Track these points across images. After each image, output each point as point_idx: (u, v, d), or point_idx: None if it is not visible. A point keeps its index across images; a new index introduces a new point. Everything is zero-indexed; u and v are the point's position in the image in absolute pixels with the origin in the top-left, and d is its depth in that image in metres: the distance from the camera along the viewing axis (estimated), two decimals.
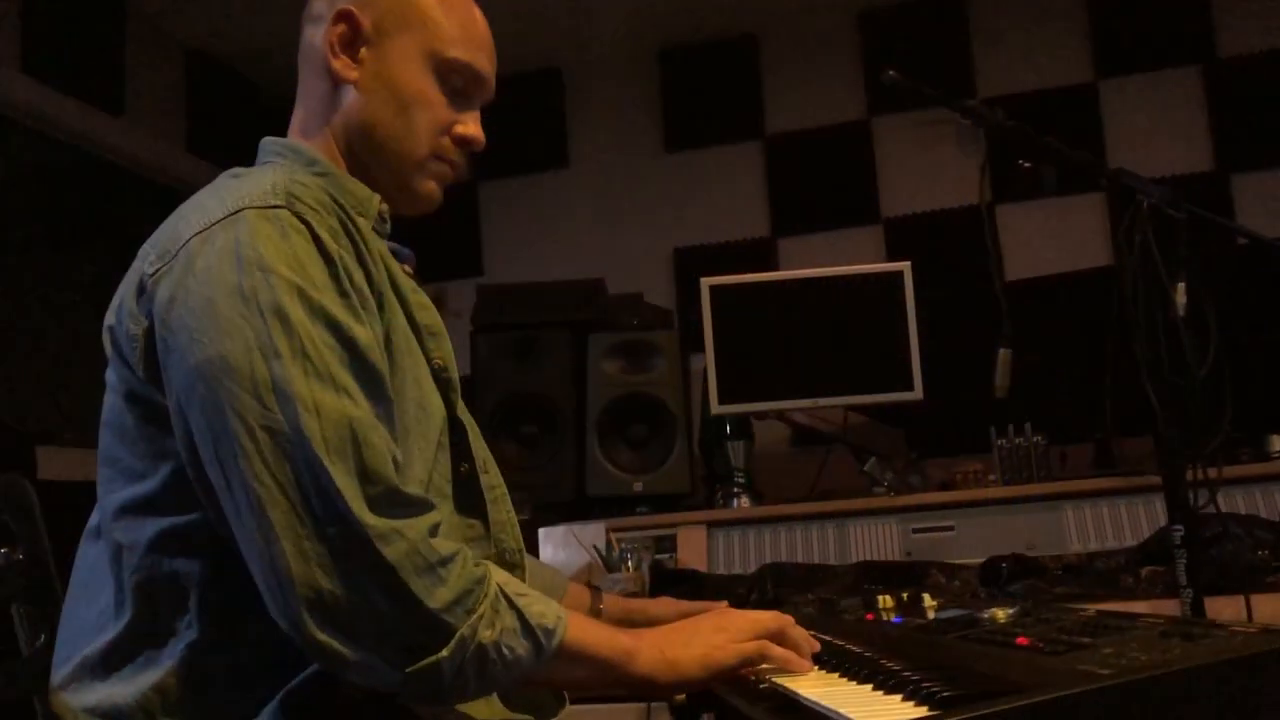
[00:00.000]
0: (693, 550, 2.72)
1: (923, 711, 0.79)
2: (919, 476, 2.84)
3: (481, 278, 3.64)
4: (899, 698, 0.85)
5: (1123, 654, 0.80)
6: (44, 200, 3.00)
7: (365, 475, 0.96)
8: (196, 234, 1.02)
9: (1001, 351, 1.67)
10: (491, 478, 1.26)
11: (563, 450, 2.87)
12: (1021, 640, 0.94)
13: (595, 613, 1.43)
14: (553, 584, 1.44)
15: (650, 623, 1.36)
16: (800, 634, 1.11)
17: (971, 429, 2.79)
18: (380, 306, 1.08)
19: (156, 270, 1.04)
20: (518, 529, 1.26)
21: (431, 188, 1.25)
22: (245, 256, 0.99)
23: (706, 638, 1.10)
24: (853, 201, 3.49)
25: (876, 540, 2.63)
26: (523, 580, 1.26)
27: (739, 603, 2.29)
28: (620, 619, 1.41)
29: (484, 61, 1.26)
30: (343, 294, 1.02)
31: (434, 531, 0.99)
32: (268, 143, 1.21)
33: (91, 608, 1.08)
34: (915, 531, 2.62)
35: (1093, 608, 1.07)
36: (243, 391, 0.95)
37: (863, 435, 2.95)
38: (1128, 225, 1.54)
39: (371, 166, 1.20)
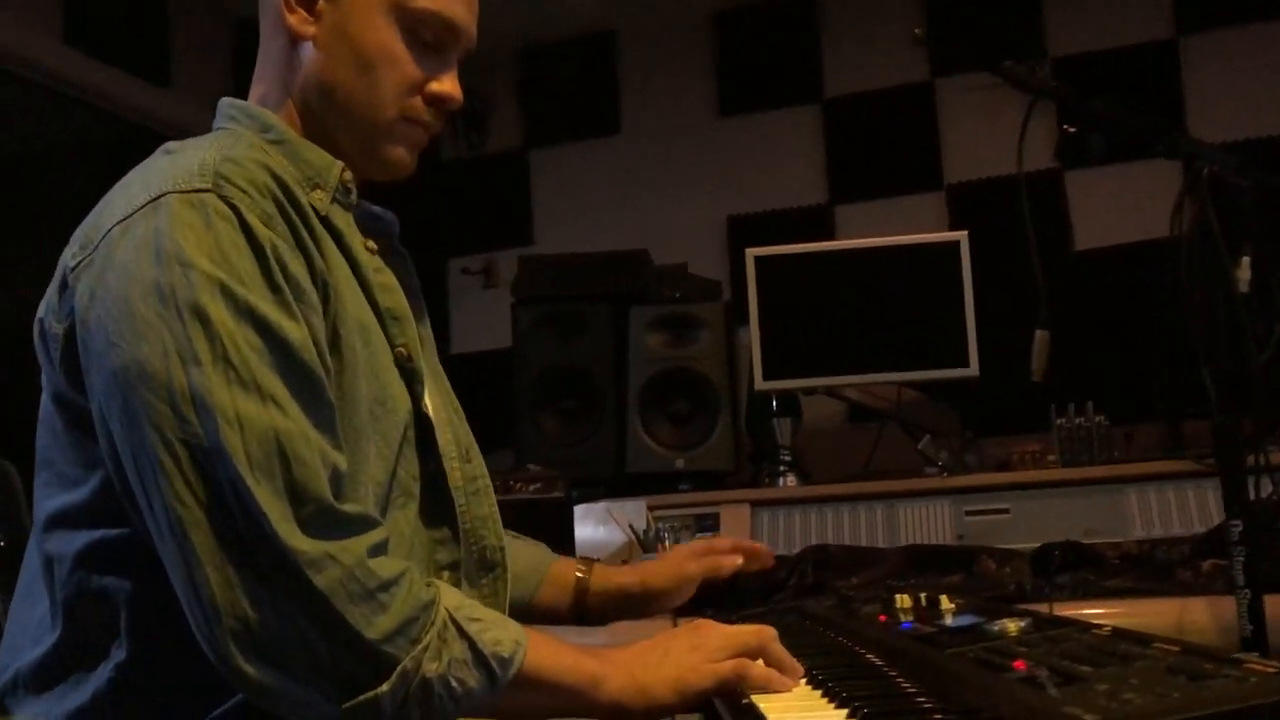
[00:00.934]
0: (736, 530, 2.63)
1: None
2: (975, 456, 2.72)
3: (532, 247, 3.58)
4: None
5: (1116, 694, 0.70)
6: (88, 172, 3.00)
7: (294, 493, 0.88)
8: (118, 223, 0.94)
9: (1038, 333, 1.55)
10: (475, 467, 1.19)
11: (603, 426, 2.80)
12: (1018, 664, 0.84)
13: (581, 590, 1.33)
14: (534, 565, 1.35)
15: (646, 594, 1.35)
16: (782, 651, 1.02)
17: (1030, 407, 2.66)
18: (325, 297, 0.99)
19: (78, 263, 0.96)
20: (499, 524, 1.19)
21: (401, 154, 1.14)
22: (164, 249, 0.90)
23: (679, 658, 1.01)
24: (914, 167, 3.35)
25: (927, 522, 2.52)
26: (503, 580, 1.19)
27: (777, 587, 2.20)
28: (613, 593, 1.33)
29: (459, 9, 1.15)
30: (274, 288, 0.93)
31: (376, 551, 0.91)
32: (224, 105, 1.12)
33: (31, 615, 1.02)
34: (968, 514, 2.50)
35: (1110, 625, 0.96)
36: (159, 402, 0.88)
37: (916, 413, 2.83)
38: (1181, 193, 1.40)
39: (335, 131, 1.10)
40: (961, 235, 2.67)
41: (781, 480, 2.75)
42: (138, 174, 1.00)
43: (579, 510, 2.58)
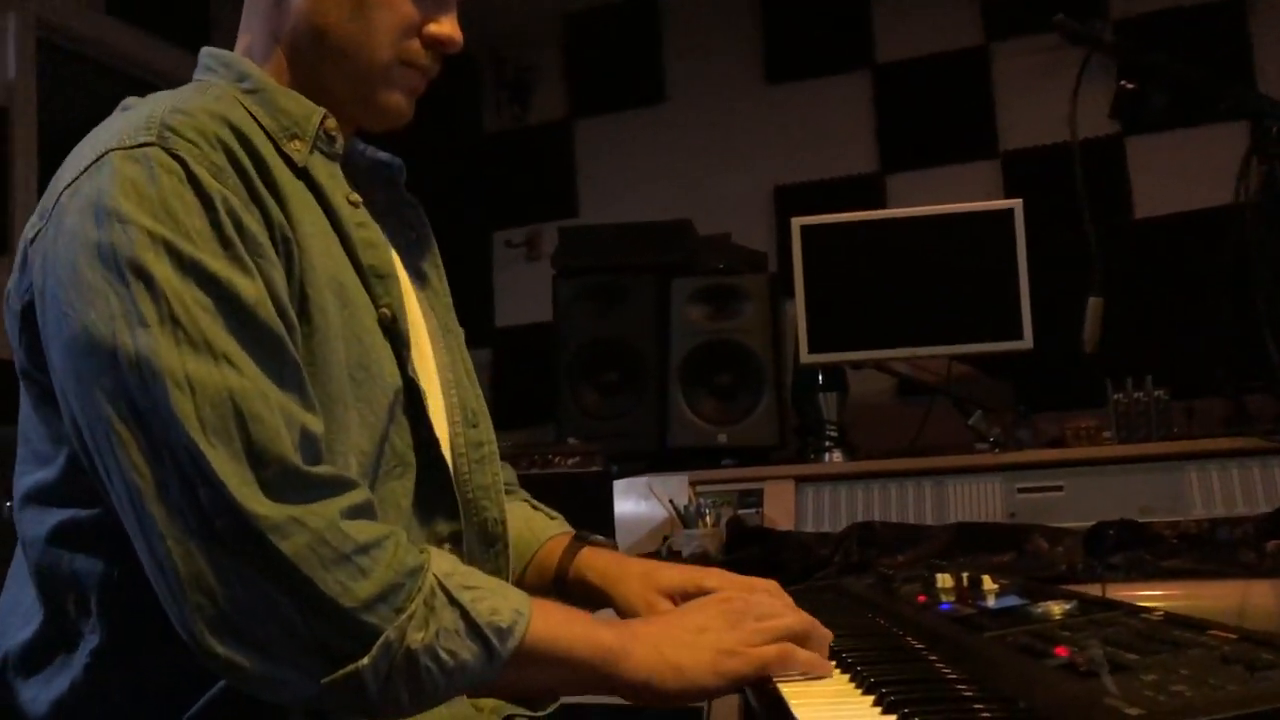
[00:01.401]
0: (780, 506, 2.58)
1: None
2: (1028, 431, 2.64)
3: (577, 219, 3.53)
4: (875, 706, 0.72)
5: (1164, 685, 0.64)
6: None
7: (255, 456, 0.82)
8: (66, 187, 0.90)
9: (1091, 301, 1.47)
10: (481, 433, 1.13)
11: (645, 399, 2.76)
12: (1059, 650, 0.78)
13: (562, 568, 1.20)
14: (528, 542, 1.24)
15: (612, 604, 1.17)
16: (826, 635, 0.96)
17: (1085, 381, 2.57)
18: (289, 254, 0.93)
19: (35, 234, 0.92)
20: (502, 495, 1.13)
21: (398, 100, 1.07)
22: (105, 208, 0.85)
23: (717, 637, 0.93)
24: (969, 134, 3.24)
25: (978, 500, 2.45)
26: (505, 556, 1.14)
27: (821, 564, 2.15)
28: (584, 589, 1.18)
29: None
30: (224, 242, 0.87)
31: (352, 514, 0.85)
32: (202, 55, 1.07)
33: (24, 595, 0.97)
34: (1020, 491, 2.42)
35: (1164, 608, 0.89)
36: (108, 369, 0.83)
37: (967, 387, 2.75)
38: (1248, 154, 1.32)
39: (327, 78, 1.04)
40: (1016, 203, 2.58)
41: (827, 456, 2.68)
42: (91, 134, 0.95)
43: (620, 485, 2.54)
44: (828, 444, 2.68)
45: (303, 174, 0.99)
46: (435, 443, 1.03)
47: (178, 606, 0.82)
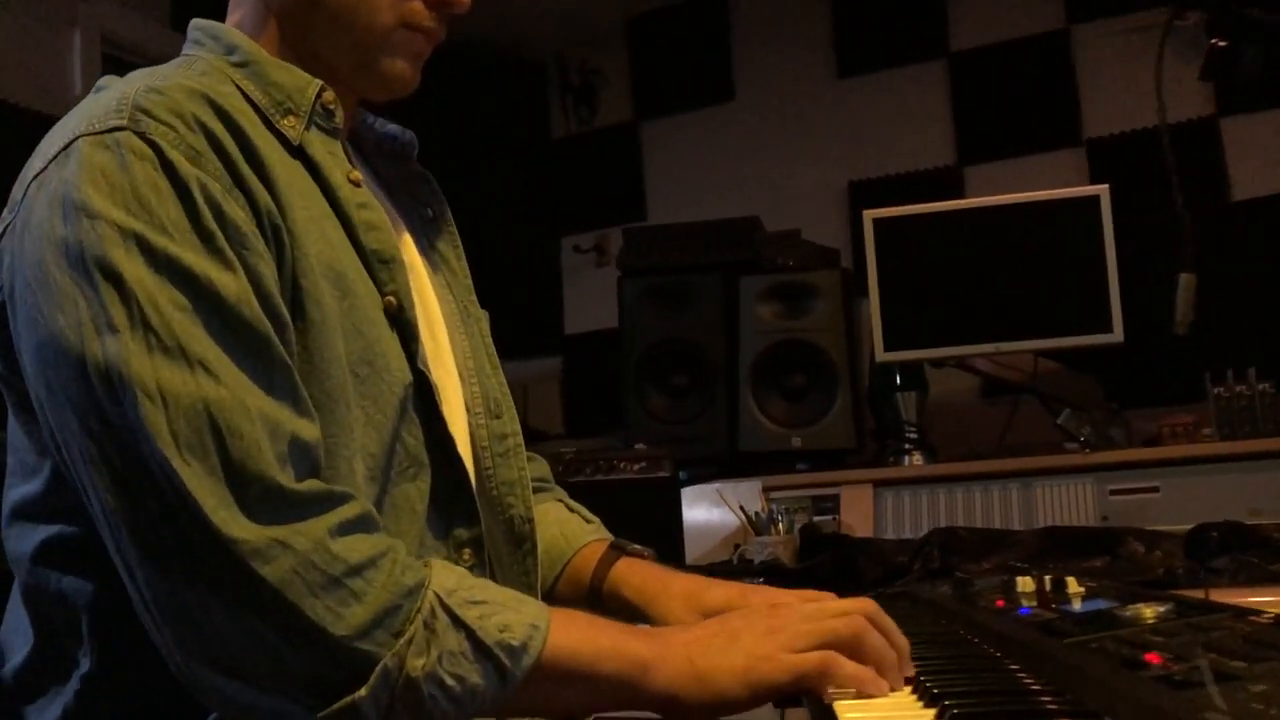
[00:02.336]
0: (857, 512, 2.47)
1: None
2: (1121, 430, 2.49)
3: (645, 223, 3.46)
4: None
5: (1275, 697, 0.54)
6: None
7: (234, 474, 0.75)
8: (34, 177, 0.83)
9: (1183, 277, 1.35)
10: (505, 424, 1.05)
11: (714, 402, 2.66)
12: (1151, 657, 0.68)
13: (597, 580, 1.10)
14: (561, 549, 1.15)
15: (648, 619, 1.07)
16: (880, 642, 0.85)
17: (1182, 375, 2.42)
18: (278, 242, 0.85)
19: (4, 228, 0.85)
20: (529, 491, 1.05)
21: (401, 67, 0.99)
22: (72, 201, 0.78)
23: (752, 644, 0.84)
24: (1051, 122, 3.10)
25: (1067, 502, 2.31)
26: (533, 557, 1.06)
27: (900, 572, 2.04)
28: (620, 605, 1.09)
29: None
30: (203, 235, 0.79)
31: (343, 530, 0.77)
32: (191, 27, 0.99)
33: (20, 616, 0.91)
34: (1113, 493, 2.28)
35: (1276, 613, 0.78)
36: (77, 380, 0.76)
37: (1055, 385, 2.61)
38: None
39: (325, 47, 0.97)
40: (1102, 189, 2.44)
41: (906, 459, 2.56)
42: (64, 119, 0.88)
43: (689, 492, 2.46)
44: (907, 446, 2.57)
45: (298, 152, 0.92)
46: (450, 440, 0.95)
47: (162, 636, 0.76)
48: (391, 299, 0.93)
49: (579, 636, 0.82)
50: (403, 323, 0.94)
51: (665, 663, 0.82)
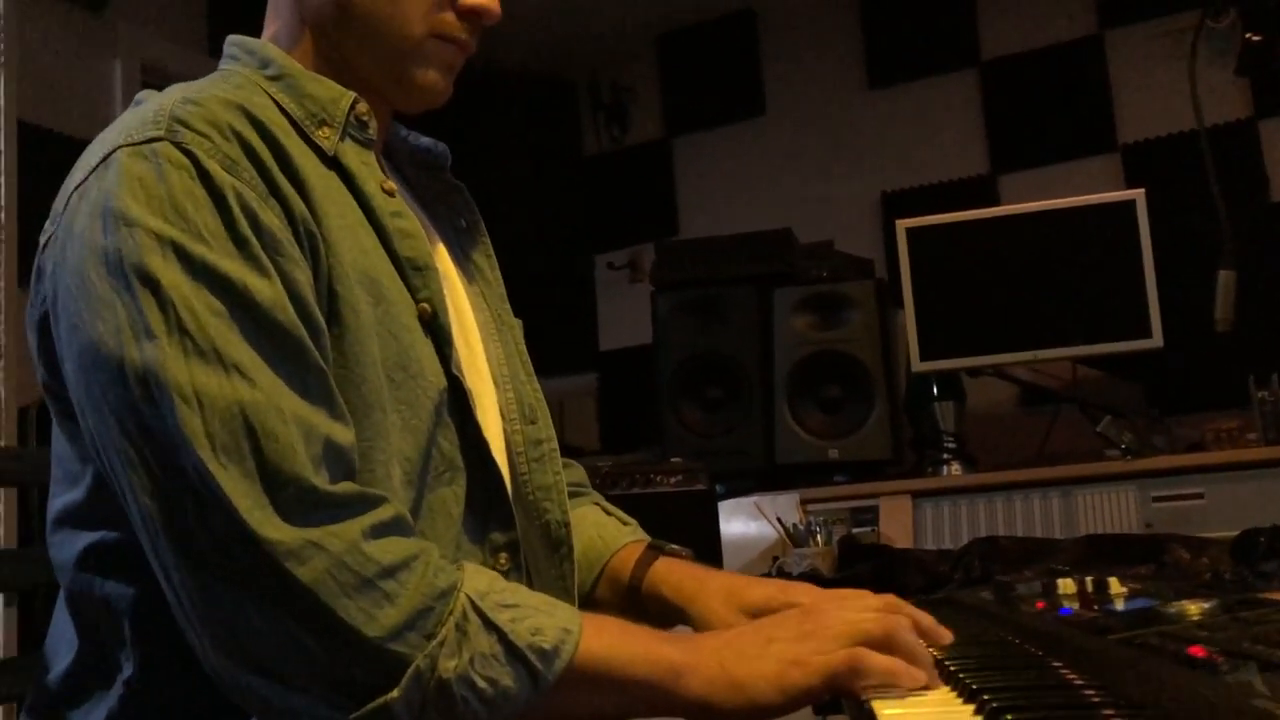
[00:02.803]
0: (896, 523, 2.45)
1: None
2: (1164, 437, 2.46)
3: (678, 238, 3.47)
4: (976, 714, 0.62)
5: None
6: None
7: (268, 476, 0.75)
8: (75, 188, 0.84)
9: (1223, 274, 1.33)
10: (540, 429, 1.05)
11: (750, 415, 2.65)
12: (1195, 651, 0.67)
13: (635, 580, 1.09)
14: (598, 551, 1.14)
15: (689, 622, 1.06)
16: (913, 640, 0.84)
17: (1224, 380, 2.39)
18: (314, 250, 0.86)
19: (46, 240, 0.86)
20: (565, 495, 1.05)
21: (434, 77, 0.99)
22: (112, 211, 0.79)
23: (784, 649, 0.82)
24: (1085, 128, 3.08)
25: (1110, 510, 2.28)
26: (570, 561, 1.05)
27: (941, 581, 2.02)
28: (669, 597, 1.07)
29: None
30: (239, 241, 0.80)
31: (377, 533, 0.78)
32: (227, 43, 1.01)
33: (65, 623, 0.92)
34: (1156, 500, 2.25)
35: None
36: (116, 385, 0.77)
37: (1095, 391, 2.58)
38: None
39: (357, 57, 0.98)
40: (1137, 193, 2.42)
41: (945, 469, 2.54)
42: (103, 132, 0.89)
43: (726, 505, 2.45)
44: (946, 456, 2.55)
45: (333, 163, 0.93)
46: (485, 445, 0.95)
47: (198, 637, 0.77)
48: (425, 305, 0.94)
49: (611, 642, 0.81)
50: (437, 328, 0.94)
51: (698, 669, 0.82)
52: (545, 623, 0.80)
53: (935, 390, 2.57)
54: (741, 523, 2.48)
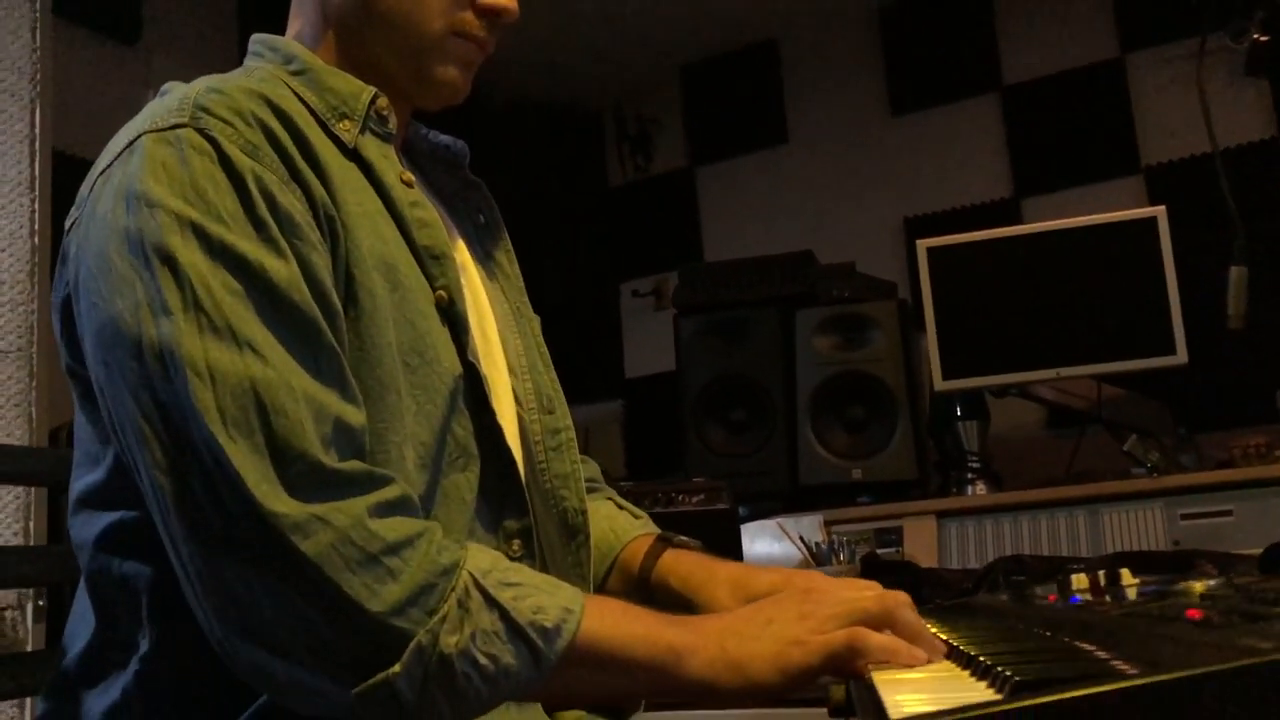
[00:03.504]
0: (921, 543, 2.44)
1: (989, 695, 0.55)
2: (1192, 455, 2.43)
3: (700, 263, 3.49)
4: (984, 684, 0.62)
5: None
6: None
7: (277, 451, 0.77)
8: (100, 174, 0.87)
9: (1234, 270, 1.33)
10: (558, 419, 1.06)
11: (773, 436, 2.66)
12: (1192, 613, 0.67)
13: (645, 571, 1.10)
14: (610, 543, 1.15)
15: (709, 601, 1.06)
16: (914, 618, 0.84)
17: (1252, 396, 2.36)
18: (333, 234, 0.88)
19: (71, 223, 0.89)
20: (581, 484, 1.06)
21: (453, 74, 1.02)
22: (135, 193, 0.82)
23: (783, 629, 0.83)
24: (1108, 151, 3.08)
25: (1137, 528, 2.26)
26: (586, 549, 1.06)
27: (964, 596, 2.01)
28: (676, 587, 1.08)
29: None
30: (257, 223, 0.83)
31: (382, 511, 0.79)
32: (252, 41, 1.04)
33: (84, 604, 0.94)
34: (1184, 518, 2.23)
35: None
36: (132, 360, 0.79)
37: (1121, 410, 2.56)
38: None
39: (378, 53, 1.00)
40: (1158, 210, 2.41)
41: (970, 488, 2.53)
42: (129, 122, 0.91)
43: (750, 527, 2.44)
44: (970, 476, 2.53)
45: (353, 155, 0.95)
46: (499, 432, 0.97)
47: (203, 611, 0.78)
48: (442, 293, 0.96)
49: (613, 622, 0.82)
50: (453, 316, 0.96)
51: (699, 650, 0.82)
52: (547, 602, 0.80)
53: (959, 410, 2.56)
54: (765, 544, 2.47)
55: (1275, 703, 0.42)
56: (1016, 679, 0.54)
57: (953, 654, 0.79)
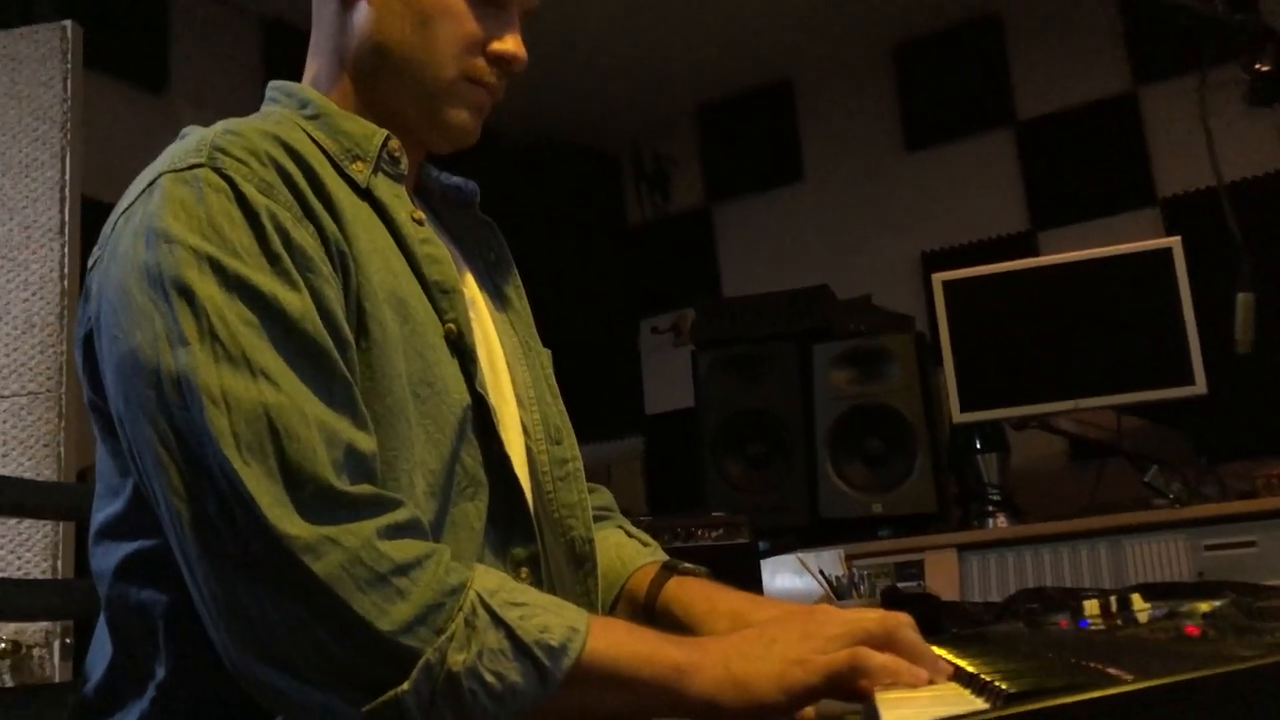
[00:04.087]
0: (942, 577, 2.43)
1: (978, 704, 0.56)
2: (1214, 486, 2.42)
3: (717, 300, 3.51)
4: (980, 699, 0.63)
5: None
6: None
7: (289, 474, 0.79)
8: (121, 213, 0.90)
9: (1240, 296, 1.34)
10: (565, 449, 1.08)
11: (793, 471, 2.66)
12: (1190, 630, 0.68)
13: (649, 599, 1.10)
14: (619, 572, 1.15)
15: (711, 633, 1.05)
16: (916, 639, 0.85)
17: (1274, 425, 2.36)
18: (345, 268, 0.91)
19: (94, 262, 0.93)
20: (589, 513, 1.08)
21: (464, 118, 1.05)
22: (154, 230, 0.85)
23: (786, 649, 0.84)
24: (1123, 184, 3.10)
25: (1160, 560, 2.25)
26: (594, 577, 1.08)
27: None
28: (679, 617, 1.07)
29: None
30: (271, 257, 0.86)
31: (391, 533, 0.81)
32: (269, 87, 1.08)
33: (103, 633, 0.96)
34: (1208, 549, 2.22)
35: None
36: (151, 390, 0.81)
37: (1141, 441, 2.56)
38: None
39: (393, 97, 1.04)
40: (1174, 241, 2.42)
41: (991, 521, 2.52)
42: (151, 164, 0.95)
43: (771, 562, 2.44)
44: (990, 508, 2.53)
45: (365, 194, 0.98)
46: (507, 461, 0.99)
47: (217, 631, 0.80)
48: (451, 326, 0.98)
49: (618, 641, 0.83)
50: (462, 348, 0.98)
51: (703, 669, 0.83)
52: (553, 621, 0.82)
53: (978, 443, 2.57)
54: (786, 578, 2.47)
55: (1248, 705, 0.43)
56: (1009, 691, 0.55)
57: (957, 674, 0.80)
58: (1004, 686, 0.57)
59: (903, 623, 0.85)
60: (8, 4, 2.55)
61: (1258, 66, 1.27)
